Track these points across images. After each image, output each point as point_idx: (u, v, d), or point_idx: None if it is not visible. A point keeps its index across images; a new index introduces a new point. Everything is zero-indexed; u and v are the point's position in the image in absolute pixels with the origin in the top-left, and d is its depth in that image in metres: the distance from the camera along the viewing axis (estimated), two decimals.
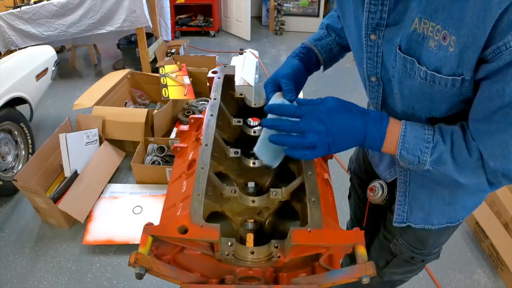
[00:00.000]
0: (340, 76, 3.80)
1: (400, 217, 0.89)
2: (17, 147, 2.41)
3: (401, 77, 0.64)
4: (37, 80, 2.48)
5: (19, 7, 3.06)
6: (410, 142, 0.63)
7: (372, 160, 0.99)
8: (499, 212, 2.04)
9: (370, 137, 0.64)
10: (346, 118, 0.64)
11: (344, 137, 0.64)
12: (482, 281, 1.86)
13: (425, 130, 0.63)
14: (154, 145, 2.46)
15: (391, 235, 0.98)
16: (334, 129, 0.63)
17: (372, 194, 0.93)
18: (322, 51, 0.93)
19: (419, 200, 0.86)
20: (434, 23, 0.54)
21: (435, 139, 0.62)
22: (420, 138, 0.63)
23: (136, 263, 0.56)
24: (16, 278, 1.85)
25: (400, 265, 1.02)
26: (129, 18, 3.11)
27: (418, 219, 0.88)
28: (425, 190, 0.84)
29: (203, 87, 3.12)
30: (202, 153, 0.75)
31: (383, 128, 0.64)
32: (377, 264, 1.08)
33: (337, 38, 0.94)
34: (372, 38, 0.66)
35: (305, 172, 0.74)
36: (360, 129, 0.64)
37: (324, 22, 0.97)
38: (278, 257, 0.63)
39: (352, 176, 1.18)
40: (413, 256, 0.97)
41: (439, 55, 0.55)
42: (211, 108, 0.87)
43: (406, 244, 0.95)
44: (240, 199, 0.79)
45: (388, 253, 1.01)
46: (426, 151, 0.62)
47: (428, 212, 0.86)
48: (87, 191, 2.18)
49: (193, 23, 5.00)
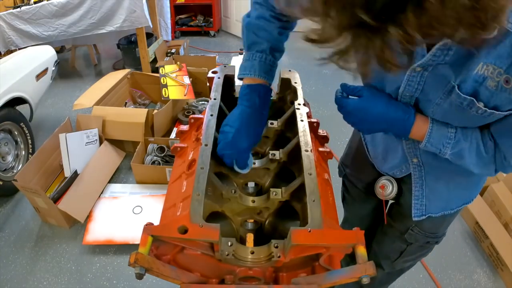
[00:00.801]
0: (340, 76, 3.76)
1: (419, 211, 0.92)
2: (17, 147, 2.41)
3: (451, 109, 0.67)
4: (37, 80, 2.48)
5: (19, 7, 3.06)
6: (435, 138, 0.72)
7: (375, 161, 1.00)
8: (499, 212, 2.04)
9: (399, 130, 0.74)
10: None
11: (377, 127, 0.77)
12: (482, 281, 1.86)
13: (448, 129, 0.71)
14: (154, 145, 2.46)
15: (402, 225, 1.01)
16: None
17: (383, 191, 0.96)
18: (271, 81, 0.87)
19: (437, 191, 0.89)
20: (496, 66, 0.58)
21: (456, 137, 0.71)
22: (444, 135, 0.71)
23: (136, 263, 0.56)
24: (16, 278, 1.85)
25: (414, 252, 1.06)
26: (129, 18, 3.11)
27: (437, 208, 0.92)
28: (442, 182, 0.88)
29: (203, 87, 3.12)
30: (202, 153, 0.75)
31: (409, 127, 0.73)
32: (389, 257, 1.11)
33: (278, 57, 0.88)
34: (417, 70, 0.67)
35: (305, 172, 0.74)
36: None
37: (263, 42, 0.83)
38: (278, 257, 0.63)
39: (347, 180, 1.18)
40: (428, 241, 1.01)
41: (501, 96, 0.60)
42: (211, 108, 0.87)
43: (421, 231, 0.99)
44: (240, 199, 0.79)
45: (402, 243, 1.04)
46: (447, 145, 0.72)
47: (447, 200, 0.91)
48: (87, 191, 2.18)
49: (193, 23, 5.00)
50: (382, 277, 1.22)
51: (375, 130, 0.79)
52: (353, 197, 1.18)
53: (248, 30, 0.85)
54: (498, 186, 2.11)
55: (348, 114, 0.77)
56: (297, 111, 0.94)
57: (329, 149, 0.90)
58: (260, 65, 0.83)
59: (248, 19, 0.85)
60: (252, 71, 0.83)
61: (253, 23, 0.84)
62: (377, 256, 1.15)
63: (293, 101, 0.95)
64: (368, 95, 0.75)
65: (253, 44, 0.84)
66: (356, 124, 0.79)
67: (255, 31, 0.84)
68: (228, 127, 0.79)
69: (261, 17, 0.84)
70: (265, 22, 0.83)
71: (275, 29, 0.84)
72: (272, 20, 0.84)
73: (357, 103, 0.75)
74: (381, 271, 1.16)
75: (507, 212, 1.98)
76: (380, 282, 1.26)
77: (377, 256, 1.15)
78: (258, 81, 0.83)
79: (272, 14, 0.83)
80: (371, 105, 0.74)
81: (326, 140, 0.94)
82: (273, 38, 0.84)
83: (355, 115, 0.76)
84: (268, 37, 0.84)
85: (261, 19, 0.84)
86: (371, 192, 1.03)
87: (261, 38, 0.83)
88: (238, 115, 0.81)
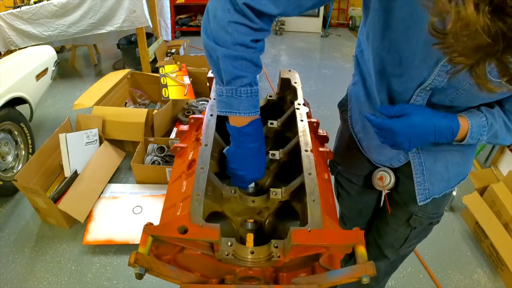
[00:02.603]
0: (340, 76, 3.80)
1: (423, 196, 0.95)
2: (17, 147, 2.40)
3: (480, 91, 0.63)
4: (37, 80, 2.48)
5: (19, 7, 3.06)
6: (475, 132, 0.76)
7: (370, 155, 1.01)
8: (499, 212, 2.04)
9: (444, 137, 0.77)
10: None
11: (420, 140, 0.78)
12: (482, 281, 1.86)
13: (481, 118, 0.75)
14: (154, 145, 2.46)
15: (405, 212, 1.03)
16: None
17: (383, 183, 0.98)
18: (259, 110, 0.78)
19: (438, 173, 0.92)
20: None
21: (489, 122, 0.75)
22: (480, 125, 0.76)
23: (136, 263, 0.56)
24: (16, 278, 1.85)
25: (417, 236, 1.09)
26: (129, 18, 3.11)
27: (440, 189, 0.95)
28: (440, 163, 0.91)
29: (203, 87, 3.12)
30: (202, 153, 0.75)
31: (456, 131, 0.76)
32: (393, 246, 1.14)
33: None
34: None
35: (305, 172, 0.74)
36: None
37: (246, 75, 0.71)
38: (278, 257, 0.63)
39: (340, 177, 1.18)
40: (431, 222, 1.05)
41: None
42: (211, 108, 0.87)
43: (425, 214, 1.02)
44: (240, 199, 0.79)
45: (405, 230, 1.07)
46: (484, 133, 0.76)
47: (448, 179, 0.94)
48: (87, 191, 2.18)
49: (193, 23, 5.01)
50: (386, 267, 1.24)
51: (422, 143, 0.78)
52: (349, 193, 1.18)
53: (225, 63, 0.69)
54: (498, 186, 2.11)
55: (395, 135, 0.76)
56: (297, 111, 0.94)
57: (329, 149, 0.90)
58: (248, 101, 0.73)
59: (221, 49, 0.68)
60: (240, 109, 0.74)
61: (230, 55, 0.69)
62: (380, 247, 1.17)
63: (293, 101, 0.96)
64: (413, 112, 0.75)
65: (234, 79, 0.71)
66: (403, 144, 0.77)
67: (233, 63, 0.69)
68: (238, 170, 0.81)
69: (237, 43, 0.68)
70: (244, 49, 0.69)
71: (254, 53, 0.71)
72: (252, 45, 0.70)
73: (404, 121, 0.75)
74: (386, 261, 1.19)
75: (507, 212, 1.98)
76: (385, 272, 1.28)
77: (380, 247, 1.17)
78: (248, 119, 0.75)
79: (252, 36, 0.69)
80: (419, 120, 0.74)
81: (326, 140, 0.94)
82: (255, 66, 0.73)
83: (403, 134, 0.75)
84: (250, 68, 0.72)
85: (238, 46, 0.69)
86: (369, 185, 1.04)
87: (243, 71, 0.71)
88: (243, 156, 0.79)
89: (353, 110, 1.04)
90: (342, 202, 1.25)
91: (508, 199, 2.03)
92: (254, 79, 0.73)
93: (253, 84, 0.73)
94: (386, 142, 0.80)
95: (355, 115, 1.03)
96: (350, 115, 1.05)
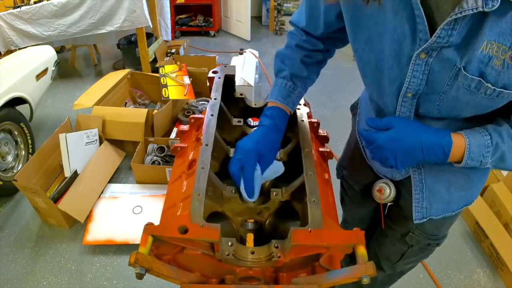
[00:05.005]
0: (340, 76, 3.80)
1: (420, 214, 0.91)
2: (17, 147, 2.40)
3: (459, 94, 0.65)
4: (37, 80, 2.48)
5: (19, 7, 3.06)
6: (474, 152, 0.68)
7: (373, 164, 0.99)
8: (499, 212, 2.04)
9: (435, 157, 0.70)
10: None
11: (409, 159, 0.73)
12: (482, 281, 1.86)
13: (484, 137, 0.68)
14: (154, 145, 2.46)
15: (403, 228, 1.00)
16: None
17: (381, 195, 0.95)
18: (291, 107, 0.90)
19: (438, 193, 0.88)
20: (500, 44, 0.57)
21: (493, 142, 0.67)
22: (482, 145, 0.67)
23: (136, 263, 0.56)
24: (16, 278, 1.85)
25: (415, 254, 1.05)
26: (129, 18, 3.11)
27: (438, 210, 0.90)
28: (442, 183, 0.86)
29: (203, 87, 3.12)
30: (202, 153, 0.75)
31: (448, 150, 0.69)
32: (390, 259, 1.11)
33: (302, 87, 0.93)
34: (422, 57, 0.64)
35: (305, 172, 0.74)
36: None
37: (286, 69, 0.91)
38: (278, 257, 0.63)
39: (345, 182, 1.17)
40: (430, 243, 1.01)
41: (509, 74, 0.58)
42: (212, 108, 0.87)
43: (423, 234, 0.98)
44: (240, 199, 0.79)
45: (403, 246, 1.04)
46: (487, 154, 0.68)
47: (448, 202, 0.89)
48: (87, 191, 2.18)
49: (193, 23, 5.00)
50: (383, 278, 1.22)
51: (410, 161, 0.72)
52: (351, 199, 1.17)
53: (277, 58, 0.94)
54: (498, 186, 2.11)
55: (380, 149, 0.73)
56: (297, 111, 0.94)
57: (329, 149, 0.90)
58: (280, 90, 0.90)
59: (279, 49, 0.95)
60: (272, 95, 0.90)
61: (281, 52, 0.94)
62: (377, 257, 1.14)
63: None
64: (398, 124, 0.72)
65: (279, 71, 0.93)
66: (389, 159, 0.73)
67: (282, 59, 0.93)
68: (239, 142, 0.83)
69: (288, 46, 0.93)
70: (290, 51, 0.92)
71: (298, 57, 0.91)
72: (296, 49, 0.92)
73: (388, 134, 0.72)
74: (382, 272, 1.16)
75: (507, 212, 1.98)
76: (381, 283, 1.26)
77: (377, 257, 1.14)
78: (275, 104, 0.88)
79: (299, 44, 0.91)
80: (403, 134, 0.71)
81: (326, 140, 0.94)
82: (295, 66, 0.91)
83: (387, 148, 0.72)
84: (290, 64, 0.91)
85: (288, 48, 0.93)
86: (369, 194, 1.02)
87: (285, 65, 0.91)
88: (250, 133, 0.86)
89: (361, 115, 1.02)
90: (345, 207, 1.24)
91: (508, 199, 2.03)
92: (289, 76, 0.91)
93: (289, 80, 0.91)
94: (375, 157, 0.76)
95: (362, 121, 1.01)
96: (358, 120, 1.03)
